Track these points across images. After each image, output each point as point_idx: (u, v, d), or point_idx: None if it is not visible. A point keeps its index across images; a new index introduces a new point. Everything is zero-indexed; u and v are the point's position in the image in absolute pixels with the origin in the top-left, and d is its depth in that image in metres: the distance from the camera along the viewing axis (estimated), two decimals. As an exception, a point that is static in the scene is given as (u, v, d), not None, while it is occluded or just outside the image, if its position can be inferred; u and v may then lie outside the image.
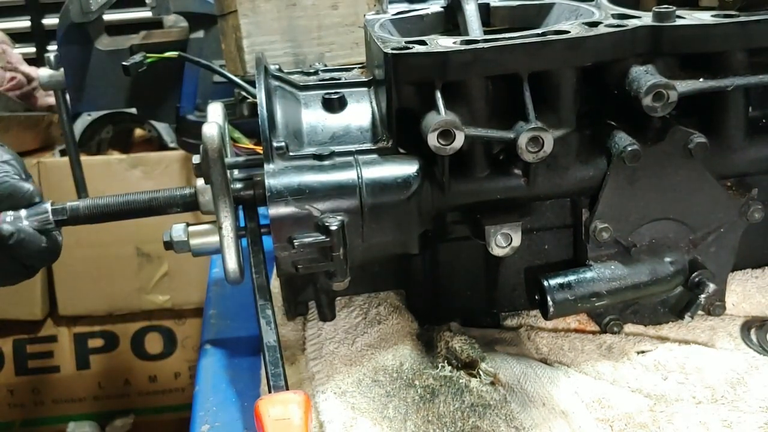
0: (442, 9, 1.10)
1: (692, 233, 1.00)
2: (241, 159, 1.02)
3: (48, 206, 0.97)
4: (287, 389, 0.86)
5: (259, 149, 1.00)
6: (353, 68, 1.11)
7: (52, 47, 2.63)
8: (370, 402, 0.92)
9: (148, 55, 1.34)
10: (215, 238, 0.96)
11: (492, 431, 0.87)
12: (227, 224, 0.93)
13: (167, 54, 1.34)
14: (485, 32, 1.05)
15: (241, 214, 0.99)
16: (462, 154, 0.90)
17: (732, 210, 1.00)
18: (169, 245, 1.00)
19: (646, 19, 0.95)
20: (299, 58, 1.36)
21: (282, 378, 0.87)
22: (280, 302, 1.06)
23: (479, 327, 1.08)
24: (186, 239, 0.99)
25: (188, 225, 1.00)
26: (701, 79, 0.92)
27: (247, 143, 1.42)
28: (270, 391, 0.86)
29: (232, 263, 0.95)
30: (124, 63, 1.31)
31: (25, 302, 2.46)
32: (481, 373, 0.95)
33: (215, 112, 1.00)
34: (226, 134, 1.01)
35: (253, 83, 1.02)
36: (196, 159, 0.95)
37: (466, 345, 0.99)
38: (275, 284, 1.10)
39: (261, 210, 0.98)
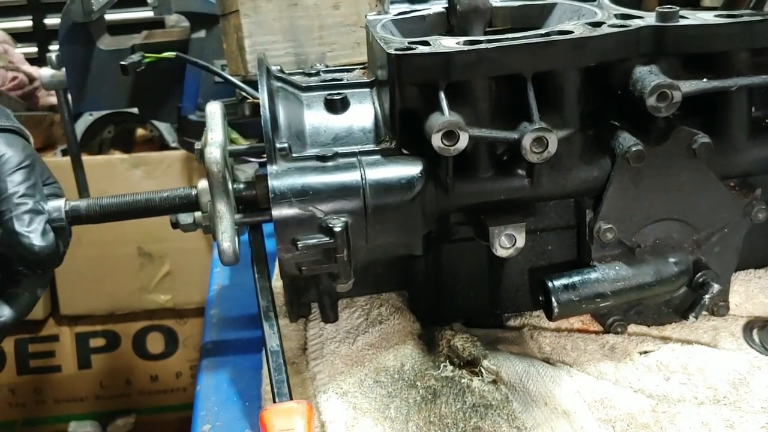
0: (443, 9, 1.10)
1: (696, 233, 1.00)
2: (243, 147, 1.01)
3: (62, 203, 0.96)
4: (291, 397, 0.86)
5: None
6: (355, 68, 1.10)
7: (54, 47, 2.64)
8: (371, 402, 0.92)
9: (146, 54, 1.33)
10: None
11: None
12: (221, 206, 0.91)
13: (165, 54, 1.33)
14: (488, 32, 1.05)
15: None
16: (466, 155, 0.90)
17: (736, 210, 0.99)
18: (175, 224, 1.00)
19: (649, 19, 0.94)
20: (301, 57, 1.36)
21: (285, 385, 0.87)
22: (282, 303, 1.06)
23: (482, 328, 1.08)
24: (191, 221, 0.99)
25: None
26: (705, 80, 0.92)
27: (244, 143, 1.42)
28: (274, 399, 0.86)
29: (226, 242, 0.91)
30: (122, 62, 1.30)
31: (27, 302, 2.46)
32: (483, 371, 0.95)
33: (215, 111, 1.00)
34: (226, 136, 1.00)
35: (254, 83, 1.02)
36: (198, 145, 0.94)
37: (468, 343, 0.99)
38: (277, 285, 1.10)
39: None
